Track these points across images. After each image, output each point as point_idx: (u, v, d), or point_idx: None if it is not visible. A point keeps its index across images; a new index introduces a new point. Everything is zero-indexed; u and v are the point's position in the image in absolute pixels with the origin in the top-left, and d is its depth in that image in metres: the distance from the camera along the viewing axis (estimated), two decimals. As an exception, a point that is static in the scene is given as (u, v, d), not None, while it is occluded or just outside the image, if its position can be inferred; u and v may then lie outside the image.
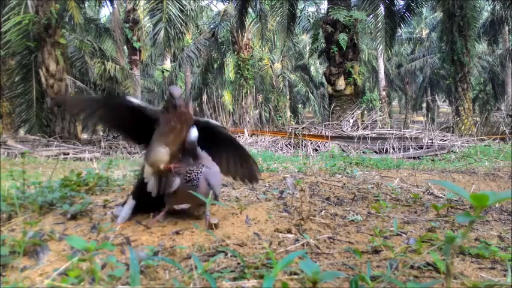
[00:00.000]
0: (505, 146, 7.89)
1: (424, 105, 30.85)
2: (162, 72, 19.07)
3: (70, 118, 11.46)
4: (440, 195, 2.46)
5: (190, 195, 1.48)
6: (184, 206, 1.69)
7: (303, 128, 10.91)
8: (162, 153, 1.58)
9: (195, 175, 1.54)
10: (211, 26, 19.89)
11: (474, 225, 1.79)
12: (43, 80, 10.95)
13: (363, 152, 7.56)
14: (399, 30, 17.22)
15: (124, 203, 1.61)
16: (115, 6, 16.14)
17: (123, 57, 16.92)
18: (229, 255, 1.26)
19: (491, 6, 18.33)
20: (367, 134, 10.31)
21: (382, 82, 22.62)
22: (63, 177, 1.96)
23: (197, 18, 19.72)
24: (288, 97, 25.12)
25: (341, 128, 11.35)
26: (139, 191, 1.63)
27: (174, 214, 1.65)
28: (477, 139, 10.00)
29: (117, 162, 4.25)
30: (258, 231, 1.50)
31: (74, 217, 1.57)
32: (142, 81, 22.70)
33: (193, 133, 1.60)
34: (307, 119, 20.13)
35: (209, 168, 1.58)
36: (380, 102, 20.49)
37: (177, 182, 1.55)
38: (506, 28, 21.17)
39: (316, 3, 20.14)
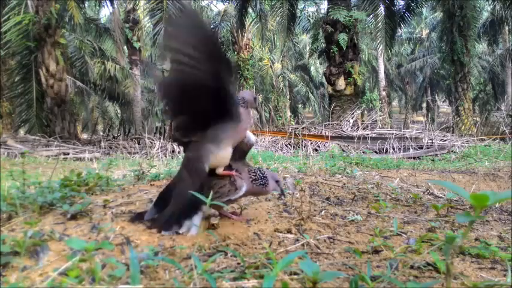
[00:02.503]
0: (505, 146, 7.89)
1: (424, 105, 30.87)
2: (162, 72, 19.05)
3: (70, 118, 11.47)
4: (440, 195, 2.46)
5: (255, 193, 1.60)
6: None
7: (303, 128, 10.91)
8: (228, 155, 1.43)
9: (261, 175, 1.56)
10: (211, 26, 19.89)
11: (474, 225, 1.79)
12: (43, 80, 10.96)
13: (363, 152, 7.56)
14: (399, 30, 17.23)
15: (194, 212, 1.39)
16: (115, 6, 16.13)
17: (123, 57, 16.91)
18: (229, 255, 1.26)
19: (491, 6, 18.34)
20: (367, 134, 10.31)
21: (382, 82, 22.62)
22: (63, 177, 1.95)
23: (197, 18, 19.68)
24: (288, 97, 25.13)
25: (341, 128, 11.35)
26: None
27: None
28: (477, 139, 10.00)
29: (117, 162, 4.25)
30: (258, 231, 1.50)
31: (74, 217, 1.56)
32: (143, 81, 22.70)
33: (253, 136, 1.63)
34: (307, 119, 20.13)
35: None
36: (380, 102, 20.48)
37: (244, 187, 1.52)
38: (506, 28, 21.17)
39: (316, 3, 20.14)
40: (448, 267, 0.88)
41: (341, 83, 12.40)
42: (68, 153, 8.94)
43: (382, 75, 22.48)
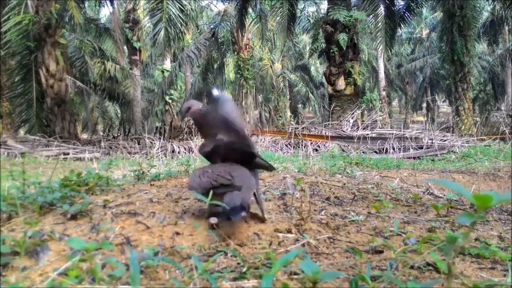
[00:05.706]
0: (505, 146, 7.89)
1: (424, 105, 30.87)
2: (162, 72, 19.08)
3: (70, 118, 11.47)
4: (440, 195, 2.46)
5: None
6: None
7: (303, 128, 10.92)
8: None
9: None
10: (211, 26, 19.89)
11: (474, 225, 1.78)
12: (43, 80, 10.96)
13: (363, 152, 7.56)
14: (399, 30, 17.22)
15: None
16: (115, 6, 16.14)
17: (123, 57, 16.92)
18: (229, 255, 1.26)
19: (491, 6, 18.34)
20: (367, 134, 10.32)
21: (382, 82, 22.61)
22: (63, 177, 1.95)
23: (197, 18, 19.72)
24: (288, 97, 25.15)
25: (341, 128, 11.36)
26: None
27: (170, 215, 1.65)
28: (477, 139, 10.00)
29: (117, 162, 4.25)
30: (258, 231, 1.50)
31: (74, 217, 1.56)
32: (143, 81, 22.68)
33: None
34: (307, 119, 20.15)
35: None
36: (380, 102, 20.49)
37: None
38: (506, 28, 21.16)
39: (316, 3, 20.14)
40: (449, 267, 0.88)
41: (341, 83, 12.40)
42: (68, 153, 8.94)
43: (382, 75, 22.47)
